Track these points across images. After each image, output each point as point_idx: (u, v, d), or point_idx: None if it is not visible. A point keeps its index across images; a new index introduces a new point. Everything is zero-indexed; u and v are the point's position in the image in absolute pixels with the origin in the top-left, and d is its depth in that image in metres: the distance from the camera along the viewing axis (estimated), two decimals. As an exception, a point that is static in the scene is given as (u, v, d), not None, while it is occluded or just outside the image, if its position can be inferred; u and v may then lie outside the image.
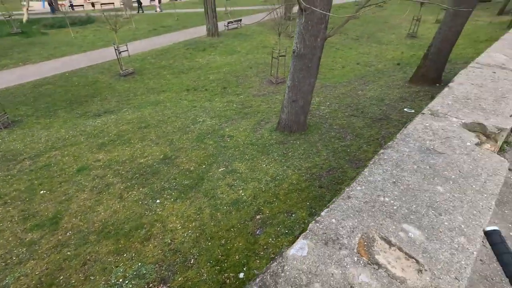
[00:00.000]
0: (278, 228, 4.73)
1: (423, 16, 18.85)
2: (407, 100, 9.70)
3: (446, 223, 1.32)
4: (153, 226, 5.07)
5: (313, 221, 1.36)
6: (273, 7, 10.36)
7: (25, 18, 23.25)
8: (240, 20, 22.24)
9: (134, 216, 5.36)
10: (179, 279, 4.02)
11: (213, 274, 4.05)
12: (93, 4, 30.93)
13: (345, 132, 7.91)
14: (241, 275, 3.99)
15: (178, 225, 5.03)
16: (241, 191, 5.76)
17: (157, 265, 4.29)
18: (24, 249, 4.82)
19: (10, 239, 5.05)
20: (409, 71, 12.43)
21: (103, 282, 4.09)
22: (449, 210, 1.39)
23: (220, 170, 6.57)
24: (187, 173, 6.55)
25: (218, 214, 5.22)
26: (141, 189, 6.13)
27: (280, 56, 11.88)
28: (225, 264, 4.19)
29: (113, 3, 30.25)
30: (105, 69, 14.73)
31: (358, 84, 11.78)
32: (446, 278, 1.10)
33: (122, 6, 26.78)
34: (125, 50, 13.76)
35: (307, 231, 1.31)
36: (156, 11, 28.61)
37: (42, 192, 6.27)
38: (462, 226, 1.30)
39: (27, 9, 24.12)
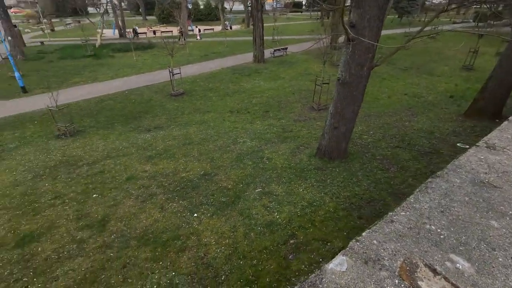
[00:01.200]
0: (312, 256, 4.58)
1: (481, 47, 17.81)
2: (460, 135, 9.04)
3: (500, 259, 1.24)
4: (188, 238, 5.24)
5: (354, 240, 1.37)
6: (320, 37, 10.66)
7: (98, 43, 26.77)
8: (286, 48, 23.08)
9: (172, 227, 5.61)
10: (209, 294, 4.06)
11: (243, 294, 4.02)
12: (154, 32, 34.65)
13: (389, 164, 7.56)
14: (271, 299, 3.91)
15: (212, 240, 5.14)
16: (276, 214, 5.74)
17: (189, 276, 4.39)
18: (75, 245, 5.28)
19: (64, 235, 5.58)
20: (464, 105, 11.66)
21: (139, 287, 4.28)
22: (504, 246, 1.30)
23: (256, 190, 6.65)
24: (225, 190, 6.73)
25: (252, 234, 5.23)
26: (181, 201, 6.43)
27: (324, 83, 12.00)
28: (255, 286, 4.14)
29: (171, 31, 33.60)
30: (159, 89, 16.13)
31: (405, 115, 11.31)
32: (499, 316, 1.03)
33: (179, 34, 29.61)
34: (178, 73, 15.01)
35: (347, 248, 1.32)
36: (197, 39, 31.69)
37: (94, 196, 6.89)
38: (520, 265, 1.21)
39: (101, 35, 27.82)
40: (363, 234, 1.40)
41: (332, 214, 5.58)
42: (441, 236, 1.36)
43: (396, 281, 1.15)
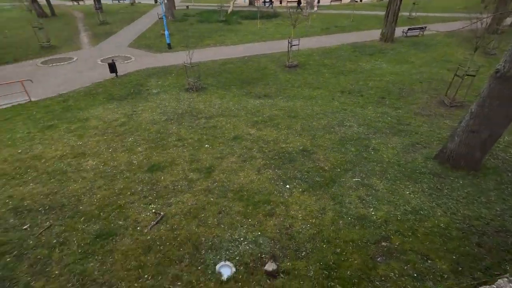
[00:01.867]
0: (406, 267, 4.08)
1: None
2: None
3: None
4: (278, 206, 5.46)
5: (505, 278, 1.07)
6: (477, 16, 8.41)
7: (230, 10, 28.99)
8: (425, 27, 19.57)
9: (265, 191, 5.93)
10: (288, 263, 4.20)
11: (320, 276, 3.99)
12: (281, 1, 34.93)
13: (542, 192, 5.75)
14: (348, 293, 3.75)
15: (299, 215, 5.20)
16: (371, 209, 5.29)
17: (272, 241, 4.63)
18: (186, 183, 6.27)
19: (180, 172, 6.69)
20: None
21: (228, 234, 4.80)
22: None
23: (354, 179, 6.24)
24: (321, 171, 6.58)
25: (341, 222, 5.02)
26: (276, 170, 6.67)
27: (468, 75, 9.72)
28: (334, 273, 4.03)
29: (296, 1, 33.16)
30: (275, 59, 16.52)
31: None
32: None
33: (304, 4, 28.94)
34: (296, 45, 14.89)
35: (494, 286, 1.05)
36: (314, 10, 30.14)
37: (206, 146, 7.88)
38: None
39: (233, 2, 29.93)
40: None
41: (442, 230, 4.74)
42: None
43: None
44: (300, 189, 5.95)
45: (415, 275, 3.97)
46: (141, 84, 12.97)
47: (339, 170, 6.60)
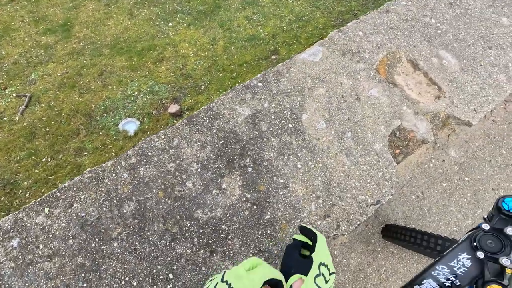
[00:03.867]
0: (291, 71, 4.60)
1: None
2: None
3: (492, 58, 1.11)
4: (165, 49, 4.94)
5: (336, 30, 1.15)
6: None
7: None
8: None
9: (146, 37, 5.15)
10: (190, 101, 4.29)
11: (222, 102, 4.27)
12: None
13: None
14: (248, 107, 4.22)
15: (191, 52, 4.90)
16: (259, 27, 5.24)
17: (169, 85, 4.47)
18: (42, 51, 4.92)
19: (26, 39, 5.07)
20: None
21: (120, 92, 4.40)
22: (503, 45, 1.14)
23: (239, -1, 5.75)
24: (202, -3, 5.77)
25: (233, 48, 4.96)
26: (152, 8, 5.58)
27: None
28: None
29: None
30: None
31: None
32: (463, 108, 1.00)
33: None
34: None
35: (326, 39, 1.13)
36: None
37: (47, -6, 5.78)
38: (510, 64, 1.10)
39: None
40: (349, 24, 1.17)
41: (319, 31, 5.17)
42: (438, 31, 1.15)
43: (372, 73, 1.03)
44: (185, 24, 5.31)
45: (299, 76, 4.57)
46: None
47: (222, -9, 5.88)
